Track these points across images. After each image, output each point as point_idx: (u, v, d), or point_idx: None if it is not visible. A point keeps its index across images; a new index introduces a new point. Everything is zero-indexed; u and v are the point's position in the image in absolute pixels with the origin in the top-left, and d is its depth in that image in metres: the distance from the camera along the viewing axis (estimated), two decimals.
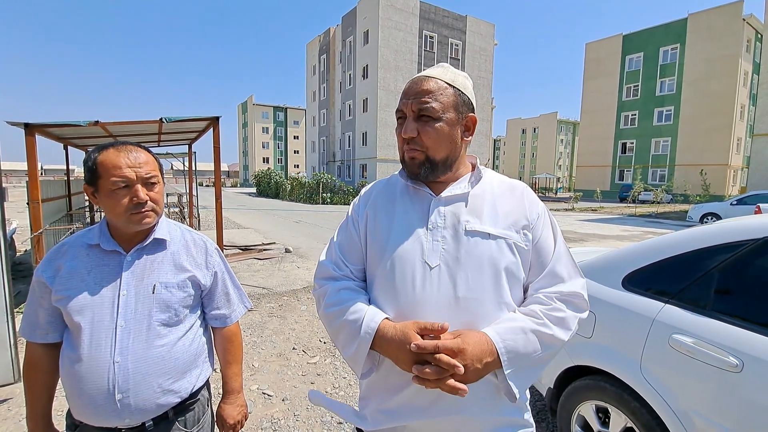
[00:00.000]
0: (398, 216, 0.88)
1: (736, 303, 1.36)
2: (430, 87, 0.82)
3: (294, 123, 68.01)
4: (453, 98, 0.83)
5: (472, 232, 0.82)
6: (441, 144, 0.83)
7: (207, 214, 13.35)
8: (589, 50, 37.37)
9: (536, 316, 0.78)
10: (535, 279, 0.85)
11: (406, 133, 0.83)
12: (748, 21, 28.26)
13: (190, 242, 1.09)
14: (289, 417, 2.38)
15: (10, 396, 2.51)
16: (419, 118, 0.82)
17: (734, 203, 12.78)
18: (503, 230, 0.82)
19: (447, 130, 0.82)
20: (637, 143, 34.37)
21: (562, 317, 0.79)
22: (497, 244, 0.81)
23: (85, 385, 0.91)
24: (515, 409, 0.84)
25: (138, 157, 0.95)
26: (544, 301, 0.81)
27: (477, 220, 0.83)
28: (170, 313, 0.99)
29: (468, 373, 0.71)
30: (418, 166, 0.84)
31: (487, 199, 0.86)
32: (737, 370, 1.20)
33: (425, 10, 29.80)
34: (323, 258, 0.95)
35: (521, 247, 0.82)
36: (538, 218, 0.87)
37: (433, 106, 0.81)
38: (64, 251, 0.98)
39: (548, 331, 0.77)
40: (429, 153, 0.83)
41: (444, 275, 0.79)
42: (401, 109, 0.85)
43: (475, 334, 0.74)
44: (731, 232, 1.44)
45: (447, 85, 0.83)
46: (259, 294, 4.94)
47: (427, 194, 0.87)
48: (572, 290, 0.82)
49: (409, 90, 0.84)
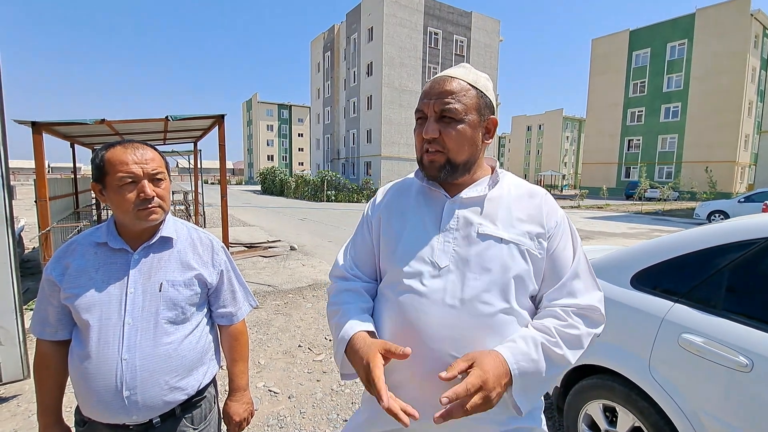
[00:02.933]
0: (411, 216, 0.88)
1: (746, 302, 1.34)
2: (453, 87, 0.80)
3: (298, 120, 68.09)
4: (476, 100, 0.82)
5: (485, 236, 0.81)
6: (462, 146, 0.81)
7: (212, 212, 13.43)
8: (595, 46, 36.96)
9: (549, 334, 0.77)
10: (549, 289, 0.83)
11: (427, 133, 0.81)
12: (755, 16, 27.79)
13: (196, 240, 1.10)
14: (295, 414, 2.40)
15: (19, 392, 2.55)
16: (441, 119, 0.81)
17: (742, 201, 12.61)
18: (517, 236, 0.81)
19: (469, 132, 0.81)
20: (643, 140, 34.01)
21: (577, 335, 0.77)
22: (509, 249, 0.80)
23: (93, 382, 0.92)
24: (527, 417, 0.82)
25: (145, 154, 0.96)
26: (560, 315, 0.79)
27: (491, 223, 0.82)
28: (177, 311, 1.00)
29: (492, 400, 0.70)
30: (438, 169, 0.83)
31: (503, 203, 0.85)
32: (747, 370, 1.19)
33: (430, 6, 29.62)
34: (338, 257, 0.98)
35: (534, 254, 0.81)
36: (557, 227, 0.84)
37: (456, 107, 0.79)
38: (73, 249, 0.99)
39: (559, 352, 0.75)
40: (450, 155, 0.82)
41: (452, 276, 0.79)
42: (421, 109, 0.83)
43: (491, 358, 0.71)
44: (742, 230, 1.42)
45: (470, 86, 0.82)
46: (264, 291, 4.96)
47: (442, 196, 0.87)
48: (589, 304, 0.80)
49: (430, 90, 0.82)
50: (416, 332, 0.79)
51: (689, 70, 30.65)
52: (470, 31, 31.71)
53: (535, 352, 0.74)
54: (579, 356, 0.78)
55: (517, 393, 0.73)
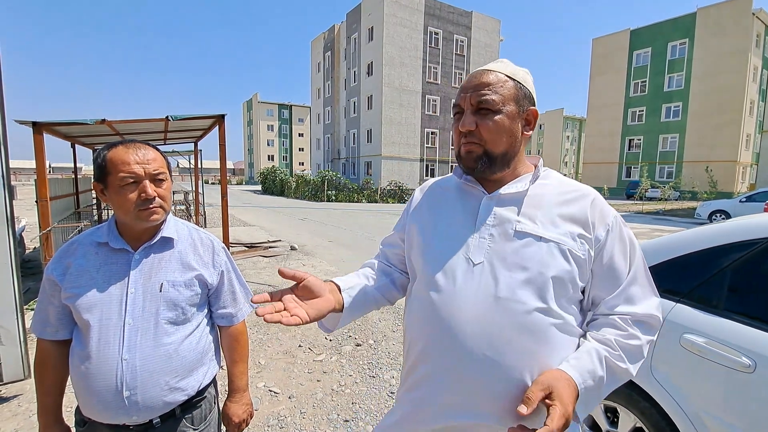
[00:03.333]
0: (447, 212, 0.88)
1: (749, 302, 1.34)
2: (489, 79, 0.80)
3: (299, 120, 68.10)
4: (513, 91, 0.80)
5: (523, 233, 0.78)
6: (500, 137, 0.79)
7: (213, 212, 13.44)
8: (595, 46, 36.92)
9: (612, 347, 0.76)
10: (607, 296, 0.81)
11: (464, 126, 0.80)
12: (757, 15, 27.73)
13: (197, 241, 1.09)
14: (296, 414, 2.40)
15: (20, 392, 2.55)
16: (477, 111, 0.79)
17: (743, 200, 12.59)
18: (558, 235, 0.78)
19: (507, 123, 0.79)
20: (644, 140, 33.96)
21: (638, 345, 0.77)
22: (549, 248, 0.77)
23: (93, 382, 0.92)
24: None
25: (146, 154, 0.96)
26: (620, 325, 0.78)
27: (530, 221, 0.79)
28: (177, 311, 1.00)
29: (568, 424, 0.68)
30: (474, 160, 0.81)
31: (545, 200, 0.82)
32: (750, 371, 1.18)
33: (430, 6, 29.60)
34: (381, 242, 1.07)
35: (577, 255, 0.77)
36: (608, 231, 0.80)
37: (492, 98, 0.78)
38: (74, 249, 0.99)
39: (623, 366, 0.75)
40: (487, 146, 0.80)
41: (486, 273, 0.77)
42: (458, 103, 0.83)
43: (565, 384, 0.70)
44: (743, 230, 1.41)
45: (507, 77, 0.80)
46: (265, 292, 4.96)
47: (479, 192, 0.85)
48: (648, 312, 0.79)
49: (467, 84, 0.82)
50: (449, 328, 0.78)
51: (690, 69, 30.60)
52: (470, 30, 31.70)
53: (600, 368, 0.74)
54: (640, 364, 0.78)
55: (578, 407, 0.73)
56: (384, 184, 26.21)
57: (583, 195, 0.83)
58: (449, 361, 0.78)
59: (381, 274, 0.98)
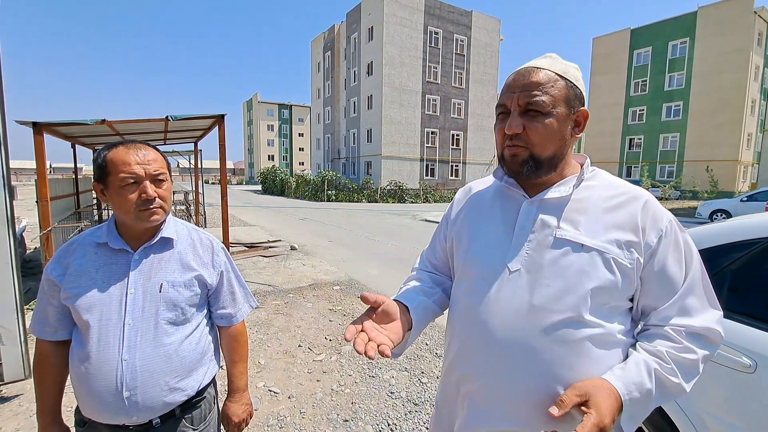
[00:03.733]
0: (486, 217, 0.86)
1: (749, 302, 1.33)
2: (539, 78, 0.75)
3: (299, 120, 68.07)
4: (564, 91, 0.75)
5: (563, 241, 0.75)
6: (549, 141, 0.75)
7: (213, 212, 13.44)
8: (596, 45, 36.86)
9: (663, 359, 0.71)
10: (659, 306, 0.75)
11: (510, 128, 0.75)
12: (759, 14, 27.64)
13: (196, 241, 1.09)
14: (295, 414, 2.40)
15: (21, 392, 2.55)
16: (525, 113, 0.75)
17: (744, 200, 12.56)
18: (602, 243, 0.73)
19: (557, 126, 0.75)
20: (644, 139, 33.91)
21: (693, 360, 0.71)
22: (590, 258, 0.72)
23: (93, 382, 0.92)
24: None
25: (147, 155, 0.96)
26: (673, 337, 0.72)
27: (572, 227, 0.75)
28: (177, 311, 1.00)
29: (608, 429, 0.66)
30: (520, 164, 0.77)
31: (591, 205, 0.77)
32: (750, 371, 1.18)
33: (430, 5, 29.57)
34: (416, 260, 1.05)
35: (622, 264, 0.72)
36: (661, 236, 0.74)
37: (543, 100, 0.73)
38: (73, 249, 0.99)
39: (675, 380, 0.70)
40: (534, 150, 0.75)
41: (522, 281, 0.75)
42: (504, 103, 0.78)
43: (605, 394, 0.66)
44: (744, 229, 1.41)
45: (558, 76, 0.75)
46: (264, 291, 4.96)
47: (520, 196, 0.82)
48: (705, 325, 0.72)
49: (514, 82, 0.77)
50: (482, 334, 0.77)
51: (691, 68, 30.54)
52: (470, 30, 31.65)
53: (649, 381, 0.69)
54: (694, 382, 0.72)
55: (625, 421, 0.69)
56: (384, 183, 26.21)
57: (634, 198, 0.77)
58: (481, 367, 0.78)
59: (434, 285, 0.96)
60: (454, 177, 31.82)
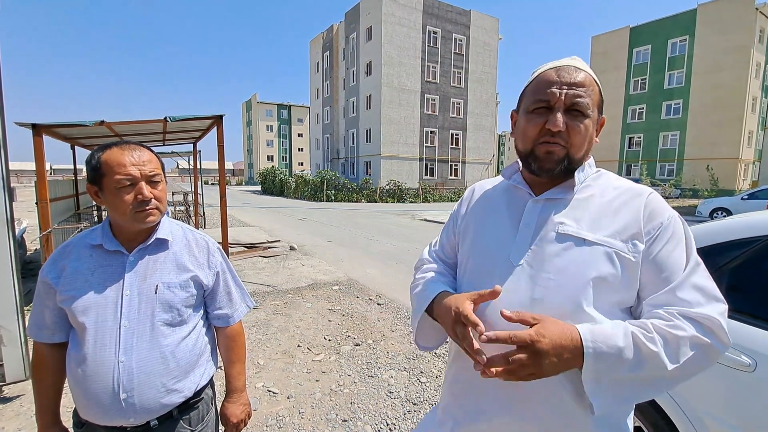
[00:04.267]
0: (492, 214, 0.88)
1: (749, 301, 1.33)
2: (583, 80, 0.76)
3: (298, 121, 68.06)
4: (598, 96, 0.79)
5: (565, 236, 0.76)
6: (584, 142, 0.77)
7: (212, 213, 13.45)
8: (595, 43, 36.83)
9: (646, 329, 0.67)
10: (652, 296, 0.73)
11: (556, 125, 0.73)
12: (761, 10, 27.60)
13: (192, 242, 1.09)
14: (294, 414, 2.40)
15: (22, 392, 2.56)
16: (569, 111, 0.75)
17: (745, 198, 12.54)
18: (605, 237, 0.74)
19: (590, 129, 0.77)
20: (644, 137, 33.88)
21: (682, 336, 0.65)
22: (592, 252, 0.73)
23: (90, 384, 0.92)
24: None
25: (141, 156, 0.96)
26: (664, 316, 0.69)
27: (574, 223, 0.77)
28: (173, 313, 1.00)
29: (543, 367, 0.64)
30: (556, 162, 0.76)
31: (593, 202, 0.79)
32: (750, 370, 1.18)
33: (428, 5, 29.54)
34: (425, 249, 1.04)
35: (625, 257, 0.72)
36: (661, 229, 0.74)
37: (586, 101, 0.75)
38: (68, 252, 0.98)
39: (653, 348, 0.64)
40: (571, 150, 0.76)
41: (525, 275, 0.76)
42: (547, 99, 0.75)
43: (560, 326, 0.67)
44: (744, 227, 1.41)
45: (594, 81, 0.78)
46: (264, 292, 4.96)
47: (526, 194, 0.84)
48: (703, 312, 0.67)
49: (559, 77, 0.76)
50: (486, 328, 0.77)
51: (691, 66, 30.50)
52: (469, 29, 31.62)
53: (623, 340, 0.65)
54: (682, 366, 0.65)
55: (588, 379, 0.65)
56: (383, 183, 26.20)
57: (637, 194, 0.78)
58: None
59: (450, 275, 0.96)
60: (454, 176, 31.80)
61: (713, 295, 0.71)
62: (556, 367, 0.65)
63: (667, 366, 0.64)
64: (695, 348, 0.66)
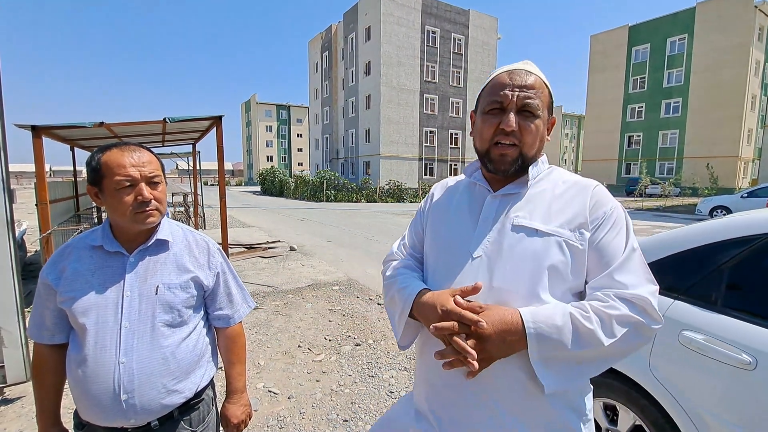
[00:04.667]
0: (454, 210, 0.93)
1: (749, 299, 1.33)
2: (533, 82, 0.81)
3: (297, 121, 68.06)
4: (548, 98, 0.84)
5: (519, 228, 0.82)
6: (536, 141, 0.83)
7: (212, 213, 13.45)
8: (594, 42, 36.83)
9: (584, 309, 0.73)
10: (593, 279, 0.79)
11: (509, 125, 0.79)
12: (760, 8, 27.61)
13: (192, 243, 1.09)
14: (295, 414, 2.40)
15: (23, 394, 2.56)
16: (520, 112, 0.81)
17: (745, 196, 12.55)
18: (555, 228, 0.80)
19: (541, 129, 0.83)
20: (644, 136, 33.90)
21: (615, 315, 0.72)
22: (544, 241, 0.79)
23: (90, 385, 0.92)
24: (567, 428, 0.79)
25: (141, 157, 0.96)
26: (601, 298, 0.75)
27: (528, 216, 0.82)
28: (174, 313, 1.00)
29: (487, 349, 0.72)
30: (510, 163, 0.82)
31: (545, 196, 0.85)
32: (750, 368, 1.18)
33: (427, 4, 29.53)
34: (395, 244, 1.07)
35: (574, 245, 0.78)
36: (604, 218, 0.80)
37: (536, 103, 0.81)
38: (68, 253, 0.99)
39: (589, 326, 0.71)
40: (524, 149, 0.82)
41: (483, 266, 0.82)
42: (500, 100, 0.81)
43: (502, 310, 0.74)
44: (743, 226, 1.41)
45: (543, 83, 0.84)
46: (264, 292, 4.96)
47: (485, 190, 0.90)
48: (636, 292, 0.74)
49: (511, 80, 0.81)
50: None
51: (690, 64, 30.52)
52: (468, 29, 31.62)
53: (560, 319, 0.71)
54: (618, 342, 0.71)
55: (535, 360, 0.72)
56: (383, 183, 26.20)
57: (584, 187, 0.85)
58: None
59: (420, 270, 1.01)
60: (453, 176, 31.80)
61: (646, 277, 0.78)
62: (503, 350, 0.73)
63: (603, 342, 0.71)
64: (629, 325, 0.72)
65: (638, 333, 0.73)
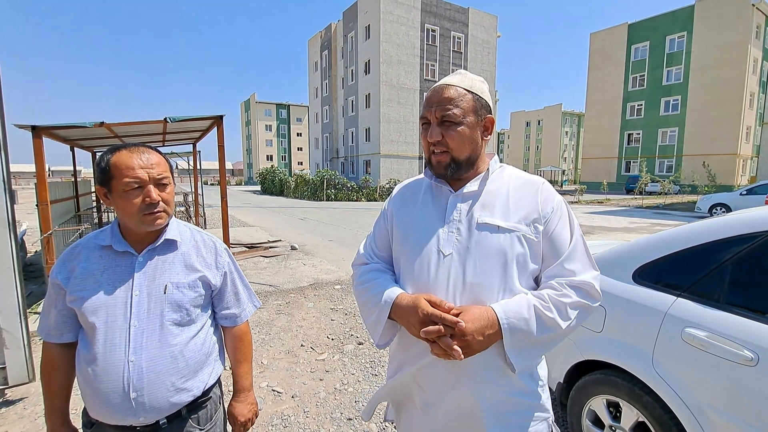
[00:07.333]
0: (420, 210, 0.99)
1: (750, 296, 1.34)
2: (450, 95, 0.90)
3: (297, 120, 68.00)
4: (472, 103, 0.91)
5: (483, 225, 0.90)
6: (463, 145, 0.91)
7: (213, 213, 13.44)
8: (593, 40, 36.81)
9: (543, 299, 0.85)
10: (550, 266, 0.90)
11: (432, 137, 0.91)
12: (757, 6, 27.63)
13: (200, 242, 1.10)
14: (299, 413, 2.41)
15: (25, 395, 2.56)
16: (442, 123, 0.90)
17: (744, 193, 12.58)
18: (514, 223, 0.89)
19: (468, 133, 0.90)
20: (643, 134, 33.92)
21: (568, 302, 0.85)
22: (506, 237, 0.88)
23: (100, 384, 0.93)
24: (529, 392, 0.91)
25: (150, 159, 0.96)
26: (556, 287, 0.87)
27: (489, 213, 0.91)
28: (182, 312, 1.00)
29: (471, 344, 0.80)
30: (444, 168, 0.92)
31: (501, 194, 0.93)
32: (752, 364, 1.19)
33: (427, 3, 29.50)
34: (360, 247, 1.10)
35: (530, 239, 0.89)
36: (553, 212, 0.91)
37: (454, 112, 0.88)
38: (77, 253, 0.99)
39: (550, 315, 0.83)
40: (453, 154, 0.91)
41: (455, 263, 0.89)
42: (425, 116, 0.93)
43: (479, 310, 0.83)
44: (744, 223, 1.42)
45: (466, 91, 0.91)
46: (266, 292, 4.97)
47: (447, 191, 0.96)
48: (583, 279, 0.87)
49: (431, 98, 0.92)
50: None
51: (689, 62, 30.53)
52: (467, 27, 31.59)
53: (527, 312, 0.83)
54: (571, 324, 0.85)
55: (509, 348, 0.83)
56: (383, 182, 26.20)
57: (533, 183, 0.95)
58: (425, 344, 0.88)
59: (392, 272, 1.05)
60: None
61: (589, 263, 0.91)
62: (484, 344, 0.82)
63: (561, 326, 0.84)
64: (578, 308, 0.86)
65: (586, 312, 0.88)
